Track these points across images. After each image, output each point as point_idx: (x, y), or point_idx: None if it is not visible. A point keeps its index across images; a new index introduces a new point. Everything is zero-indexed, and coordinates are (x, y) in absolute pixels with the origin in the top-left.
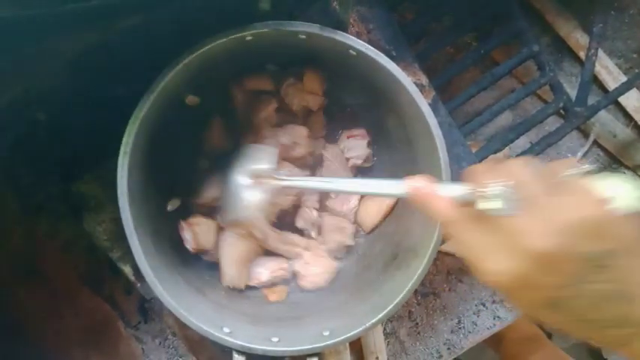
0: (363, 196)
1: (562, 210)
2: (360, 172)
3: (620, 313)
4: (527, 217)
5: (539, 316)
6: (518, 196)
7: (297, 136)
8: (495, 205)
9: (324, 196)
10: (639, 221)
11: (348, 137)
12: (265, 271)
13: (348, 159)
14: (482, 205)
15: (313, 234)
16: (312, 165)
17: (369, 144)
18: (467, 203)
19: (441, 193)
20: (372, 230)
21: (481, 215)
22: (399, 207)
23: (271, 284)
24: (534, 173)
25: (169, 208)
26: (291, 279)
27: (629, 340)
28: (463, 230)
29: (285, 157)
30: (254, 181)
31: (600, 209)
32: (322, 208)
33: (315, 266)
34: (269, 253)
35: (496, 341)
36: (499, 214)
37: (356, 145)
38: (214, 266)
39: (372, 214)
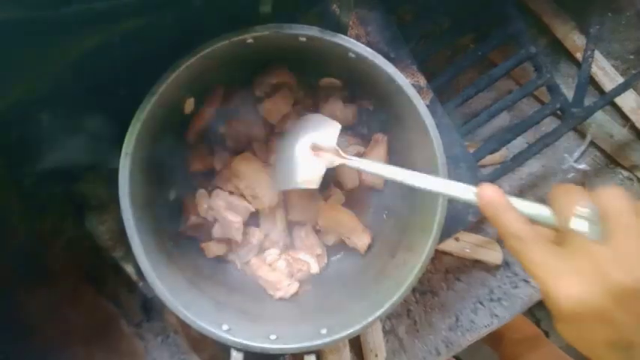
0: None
1: None
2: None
3: None
4: (617, 248)
5: (599, 358)
6: (609, 224)
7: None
8: (582, 227)
9: None
10: None
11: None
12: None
13: None
14: (572, 224)
15: None
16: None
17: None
18: (538, 222)
19: (513, 207)
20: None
21: (557, 236)
22: (398, 206)
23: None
24: (630, 206)
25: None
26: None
27: None
28: (534, 249)
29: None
30: (314, 153)
31: None
32: None
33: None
34: None
35: (495, 341)
36: (584, 238)
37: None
38: (215, 264)
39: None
